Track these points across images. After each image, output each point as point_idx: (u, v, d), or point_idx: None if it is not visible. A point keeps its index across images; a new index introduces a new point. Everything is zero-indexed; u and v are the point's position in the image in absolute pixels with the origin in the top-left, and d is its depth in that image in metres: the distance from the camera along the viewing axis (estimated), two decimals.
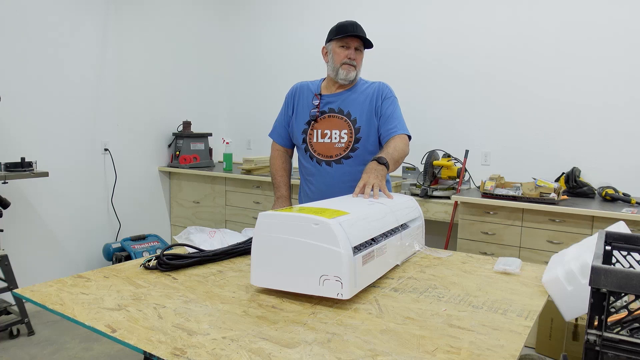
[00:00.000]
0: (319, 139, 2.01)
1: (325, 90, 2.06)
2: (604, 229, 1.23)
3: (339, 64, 1.96)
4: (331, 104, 2.02)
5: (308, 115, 2.04)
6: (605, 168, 3.04)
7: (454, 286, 1.40)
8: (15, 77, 3.21)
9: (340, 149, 1.99)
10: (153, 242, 3.88)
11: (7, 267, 2.82)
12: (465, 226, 2.94)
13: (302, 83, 2.14)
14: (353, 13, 3.91)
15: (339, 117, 2.00)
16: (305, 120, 2.04)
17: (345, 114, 1.99)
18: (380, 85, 2.03)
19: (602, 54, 3.02)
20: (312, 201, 2.01)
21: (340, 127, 1.99)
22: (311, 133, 2.02)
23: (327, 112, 2.01)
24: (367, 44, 1.98)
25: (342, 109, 2.00)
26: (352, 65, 1.96)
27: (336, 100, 2.02)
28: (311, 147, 2.03)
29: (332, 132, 1.99)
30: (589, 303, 0.87)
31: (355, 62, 1.96)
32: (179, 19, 4.29)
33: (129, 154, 4.00)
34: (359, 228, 1.30)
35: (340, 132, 1.98)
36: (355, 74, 1.99)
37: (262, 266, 1.29)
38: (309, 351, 0.97)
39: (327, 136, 2.00)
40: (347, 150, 1.98)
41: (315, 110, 2.01)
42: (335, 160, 1.99)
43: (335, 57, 1.98)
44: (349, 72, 1.96)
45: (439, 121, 3.60)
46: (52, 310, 1.18)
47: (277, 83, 4.41)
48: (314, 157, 2.03)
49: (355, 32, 1.93)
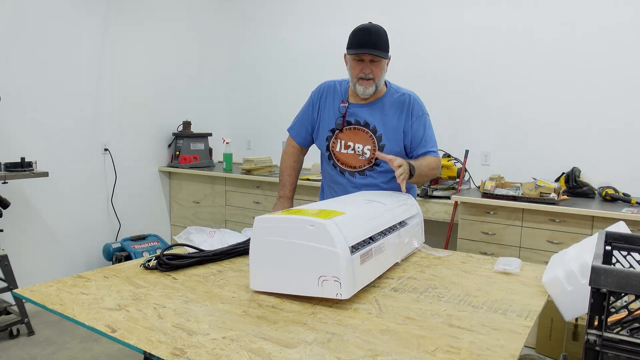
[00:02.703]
0: (342, 149, 1.96)
1: (352, 98, 1.96)
2: (604, 229, 1.23)
3: (355, 79, 1.86)
4: (357, 115, 1.94)
5: (333, 121, 1.96)
6: (605, 168, 3.04)
7: (454, 286, 1.40)
8: (15, 77, 3.21)
9: (363, 161, 1.94)
10: (153, 242, 3.88)
11: (7, 267, 2.82)
12: (465, 226, 2.94)
13: (329, 83, 2.04)
14: (353, 13, 3.91)
15: (364, 130, 1.92)
16: (330, 127, 1.98)
17: (370, 128, 1.92)
18: (411, 101, 1.92)
19: (602, 54, 3.02)
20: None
21: (364, 141, 1.92)
22: (334, 142, 1.97)
23: (353, 123, 1.94)
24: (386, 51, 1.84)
25: (367, 122, 1.92)
26: (369, 79, 1.84)
27: (361, 112, 1.93)
28: (334, 156, 1.99)
29: (355, 145, 1.93)
30: (589, 303, 0.87)
31: (371, 76, 1.83)
32: (179, 19, 4.29)
33: (129, 154, 4.00)
34: (356, 227, 1.30)
35: (363, 147, 1.92)
36: (374, 87, 1.86)
37: (261, 270, 1.29)
38: (309, 351, 0.97)
39: (350, 148, 1.94)
40: (370, 164, 1.94)
41: (340, 119, 1.94)
42: (359, 171, 1.95)
43: (352, 70, 1.87)
44: (366, 88, 1.85)
45: (439, 121, 3.57)
46: (52, 310, 1.18)
47: (277, 83, 4.41)
48: (337, 166, 1.99)
49: (367, 47, 1.78)
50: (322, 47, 4.04)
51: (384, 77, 1.90)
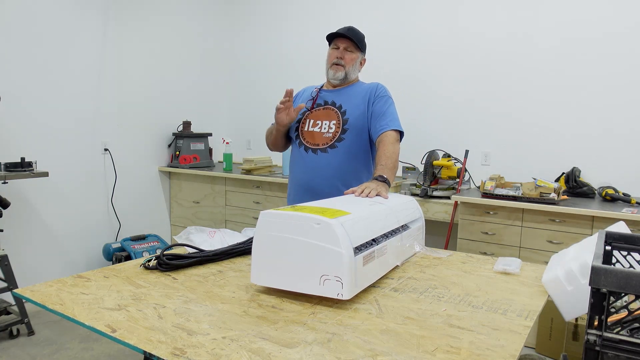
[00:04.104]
0: (310, 127, 2.07)
1: (325, 87, 2.16)
2: (604, 229, 1.23)
3: (329, 65, 2.07)
4: (326, 97, 2.11)
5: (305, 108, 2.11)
6: (605, 168, 3.04)
7: (454, 286, 1.40)
8: (16, 77, 3.21)
9: (327, 138, 2.03)
10: (153, 242, 3.88)
11: (7, 267, 2.82)
12: (465, 226, 2.94)
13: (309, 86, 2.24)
14: (353, 13, 3.91)
15: (331, 108, 2.07)
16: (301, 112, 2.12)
17: (337, 106, 2.06)
18: (375, 85, 2.08)
19: (602, 54, 3.02)
20: (295, 187, 2.08)
21: (330, 117, 2.05)
22: (304, 122, 2.09)
23: (322, 104, 2.09)
24: (359, 44, 2.04)
25: (335, 102, 2.08)
26: (340, 65, 2.03)
27: (331, 95, 2.10)
28: (302, 135, 2.09)
29: (322, 122, 2.06)
30: (589, 303, 0.87)
31: (343, 62, 2.03)
32: (180, 19, 4.29)
33: (129, 154, 4.00)
34: (361, 228, 1.30)
35: (329, 122, 2.04)
36: (344, 73, 2.04)
37: (263, 265, 1.29)
38: (309, 351, 0.97)
39: (318, 126, 2.06)
40: (333, 140, 2.01)
41: (311, 102, 2.11)
42: (321, 148, 2.03)
43: (328, 58, 2.09)
44: (337, 71, 2.04)
45: (439, 121, 3.60)
46: (52, 310, 1.18)
47: (277, 83, 4.41)
48: (302, 144, 2.08)
49: (344, 33, 2.01)
50: (320, 48, 4.02)
51: (355, 68, 2.08)
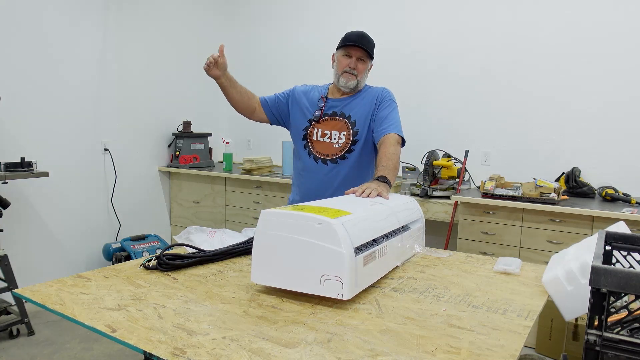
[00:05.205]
0: (319, 137, 2.06)
1: (331, 95, 2.12)
2: (604, 229, 1.23)
3: (340, 72, 2.03)
4: (335, 107, 2.08)
5: (311, 113, 2.09)
6: (605, 168, 3.04)
7: (454, 286, 1.40)
8: (16, 77, 3.21)
9: (337, 149, 2.04)
10: (153, 242, 3.87)
11: (7, 267, 2.82)
12: (465, 226, 2.94)
13: (312, 85, 2.19)
14: (353, 13, 3.91)
15: (339, 119, 2.06)
16: (309, 118, 2.10)
17: (346, 117, 2.05)
18: (381, 90, 2.08)
19: (602, 54, 3.02)
20: (302, 196, 2.07)
21: (339, 128, 2.05)
22: (312, 131, 2.08)
23: (330, 114, 2.07)
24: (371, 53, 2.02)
25: (343, 112, 2.06)
26: (352, 74, 2.01)
27: (339, 104, 2.08)
28: (311, 144, 2.08)
29: (332, 132, 2.05)
30: (589, 303, 0.87)
31: (355, 72, 2.01)
32: (179, 19, 4.29)
33: (129, 154, 4.00)
34: (361, 228, 1.30)
35: (339, 133, 2.04)
36: (356, 82, 2.03)
37: (263, 264, 1.29)
38: (309, 351, 0.97)
39: (327, 136, 2.05)
40: (343, 151, 2.03)
41: (319, 111, 2.07)
42: (332, 159, 2.04)
43: (338, 65, 2.04)
44: (349, 80, 2.01)
45: (439, 121, 3.60)
46: (52, 310, 1.18)
47: (277, 83, 4.39)
48: (312, 154, 2.08)
49: (358, 42, 1.98)
50: (321, 47, 4.03)
51: (365, 76, 2.07)
